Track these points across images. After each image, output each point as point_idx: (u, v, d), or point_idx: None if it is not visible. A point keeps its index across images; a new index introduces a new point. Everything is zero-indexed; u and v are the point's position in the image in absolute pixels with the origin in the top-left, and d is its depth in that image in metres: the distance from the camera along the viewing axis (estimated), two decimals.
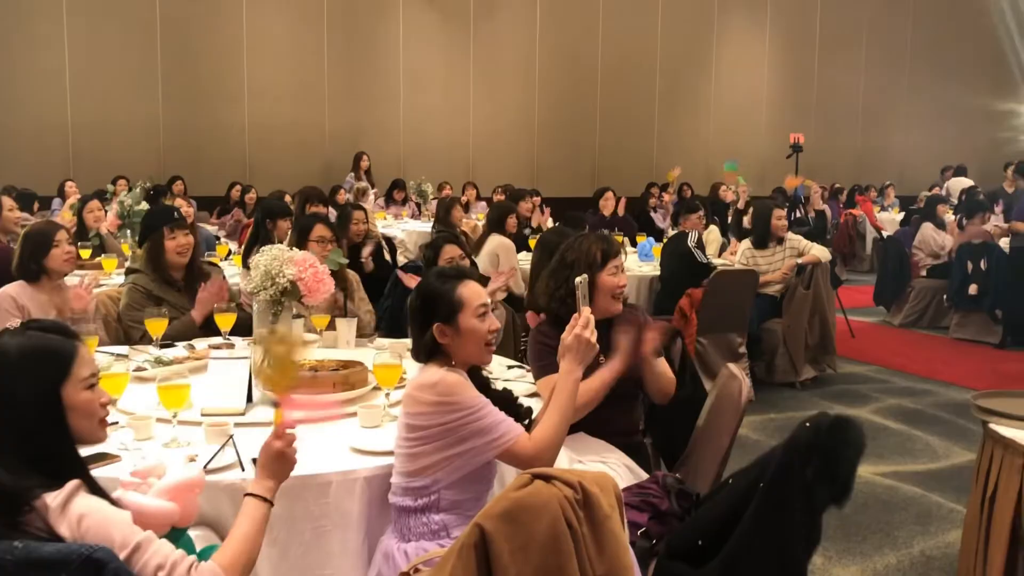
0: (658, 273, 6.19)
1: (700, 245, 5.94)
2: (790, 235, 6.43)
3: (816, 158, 13.59)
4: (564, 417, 2.24)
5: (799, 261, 6.24)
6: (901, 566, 3.61)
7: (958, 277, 7.81)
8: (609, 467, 2.78)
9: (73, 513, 1.58)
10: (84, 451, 1.80)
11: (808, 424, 2.21)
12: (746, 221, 7.64)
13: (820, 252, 6.30)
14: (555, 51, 13.63)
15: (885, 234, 9.69)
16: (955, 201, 11.37)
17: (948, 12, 16.28)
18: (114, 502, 1.70)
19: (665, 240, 6.81)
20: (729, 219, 9.08)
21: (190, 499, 1.89)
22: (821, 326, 6.33)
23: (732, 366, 2.97)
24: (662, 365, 2.94)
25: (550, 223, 8.16)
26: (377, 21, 12.74)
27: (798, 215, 9.51)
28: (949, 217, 9.30)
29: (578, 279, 2.39)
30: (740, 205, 8.24)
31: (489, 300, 2.37)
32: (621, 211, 8.37)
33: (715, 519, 2.31)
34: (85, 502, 1.61)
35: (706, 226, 7.25)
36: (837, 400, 5.93)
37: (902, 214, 12.26)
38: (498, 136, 13.40)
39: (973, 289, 7.64)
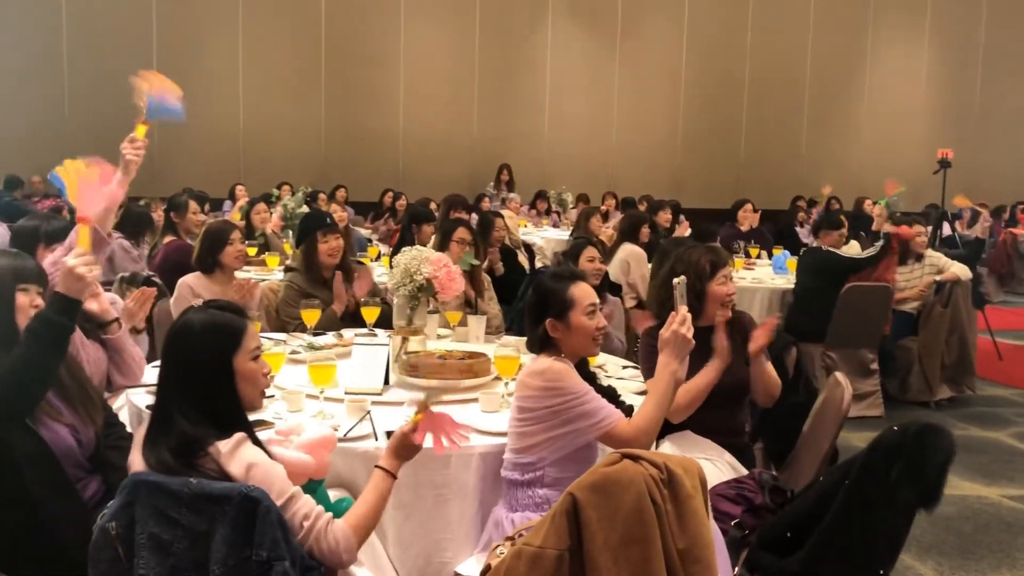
0: (791, 287, 6.21)
1: None
2: (930, 252, 6.32)
3: (975, 174, 13.04)
4: (661, 405, 2.46)
5: (938, 278, 6.13)
6: None
7: None
8: (713, 464, 2.95)
9: (243, 459, 1.92)
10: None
11: (896, 428, 2.33)
12: None
13: (960, 270, 6.17)
14: (701, 63, 13.66)
15: None
16: None
17: None
18: (271, 454, 2.04)
19: (801, 253, 6.79)
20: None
21: (324, 454, 2.22)
22: (960, 346, 6.19)
23: (838, 374, 3.08)
24: (767, 367, 3.09)
25: (688, 234, 8.26)
26: (526, 34, 13.18)
27: (946, 234, 9.20)
28: None
29: (676, 280, 2.59)
30: (875, 227, 8.08)
31: (598, 300, 2.61)
32: (756, 224, 8.36)
33: (803, 513, 2.46)
34: (252, 452, 1.95)
35: (847, 241, 7.18)
36: (972, 422, 5.80)
37: None
38: (641, 147, 13.56)
39: None
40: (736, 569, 2.51)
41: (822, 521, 2.36)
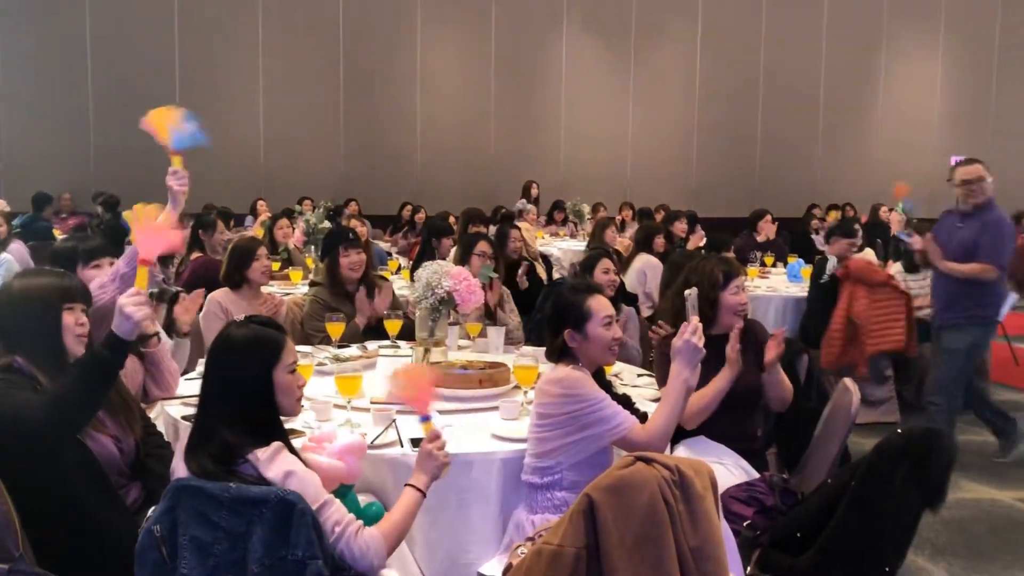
0: (805, 295, 6.28)
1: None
2: None
3: (994, 180, 13.04)
4: (673, 411, 2.57)
5: None
6: None
7: None
8: (726, 468, 3.05)
9: (280, 466, 2.04)
10: None
11: (900, 431, 2.43)
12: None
13: None
14: (716, 73, 13.78)
15: None
16: None
17: None
18: (305, 461, 2.16)
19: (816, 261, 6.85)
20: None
21: (354, 461, 2.34)
22: None
23: (847, 380, 3.17)
24: (780, 374, 3.19)
25: (703, 243, 8.34)
26: (541, 50, 13.35)
27: None
28: None
29: (687, 291, 2.70)
30: (894, 232, 8.13)
31: (614, 312, 2.72)
32: (773, 235, 8.44)
33: (812, 514, 2.57)
34: (289, 459, 2.07)
35: (861, 248, 7.23)
36: (985, 426, 5.84)
37: None
38: (657, 157, 13.67)
39: None
40: (748, 569, 2.61)
41: (830, 522, 2.47)
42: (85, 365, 2.19)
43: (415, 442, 2.60)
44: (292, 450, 2.14)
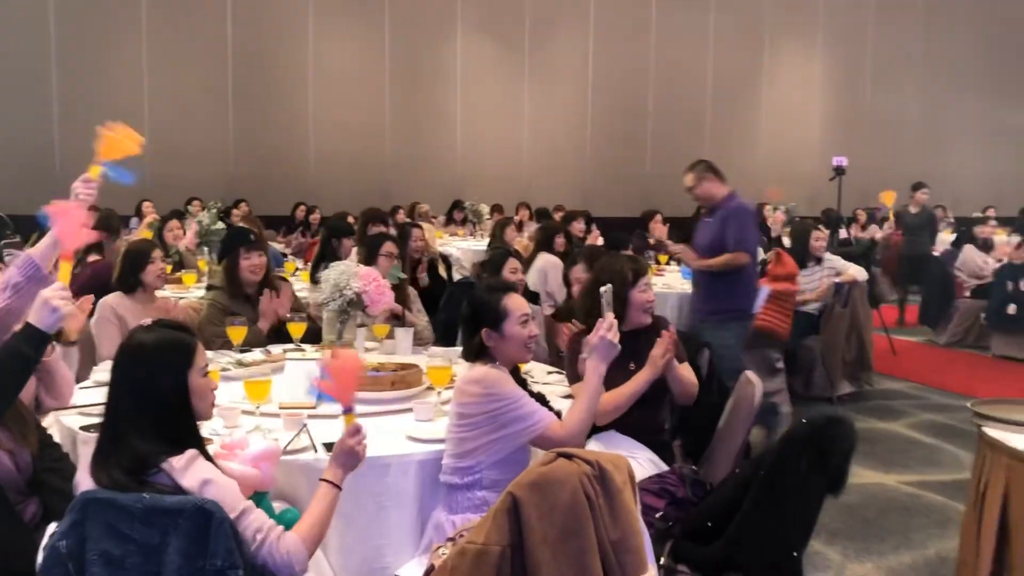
0: None
1: None
2: (828, 255, 6.67)
3: (868, 180, 13.70)
4: (590, 407, 2.62)
5: (836, 280, 6.47)
6: (915, 564, 3.87)
7: (998, 297, 7.95)
8: (636, 461, 3.11)
9: (197, 474, 1.97)
10: None
11: (804, 421, 2.53)
12: (787, 242, 7.88)
13: (857, 272, 6.53)
14: (607, 75, 14.04)
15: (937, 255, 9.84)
16: None
17: (1004, 32, 16.27)
18: (220, 468, 2.10)
19: None
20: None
21: (269, 467, 2.29)
22: (858, 343, 6.55)
23: (749, 373, 3.30)
24: (685, 369, 3.27)
25: (600, 243, 8.48)
26: (436, 52, 13.32)
27: (843, 236, 9.69)
28: (999, 238, 9.41)
29: (602, 289, 2.75)
30: (774, 234, 8.51)
31: (529, 310, 2.74)
32: (664, 235, 8.66)
33: (722, 504, 2.65)
34: (206, 467, 2.00)
35: None
36: (871, 414, 6.16)
37: (954, 235, 12.31)
38: (551, 159, 13.83)
39: (1012, 309, 7.77)
40: (662, 560, 2.68)
41: (740, 510, 2.55)
42: (2, 361, 2.08)
43: (328, 447, 2.55)
44: (208, 457, 2.08)
